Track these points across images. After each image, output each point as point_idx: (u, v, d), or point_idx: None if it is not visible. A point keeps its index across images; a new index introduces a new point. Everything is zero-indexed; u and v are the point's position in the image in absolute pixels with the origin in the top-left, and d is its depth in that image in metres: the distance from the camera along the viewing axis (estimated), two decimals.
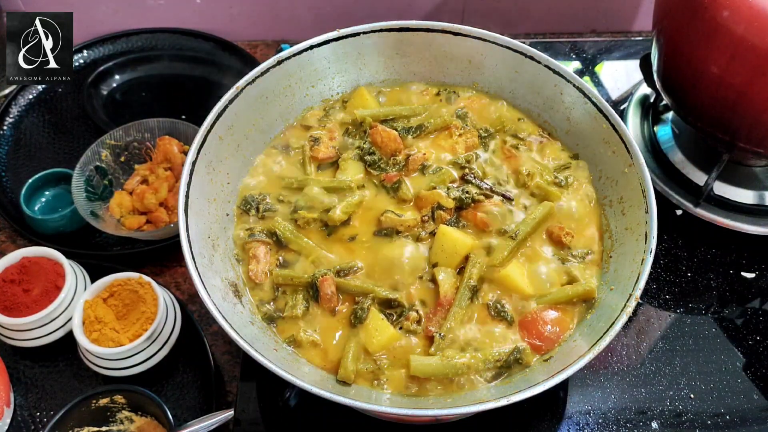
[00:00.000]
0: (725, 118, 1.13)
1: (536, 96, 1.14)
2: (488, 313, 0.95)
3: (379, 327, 0.91)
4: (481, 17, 1.66)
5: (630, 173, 0.99)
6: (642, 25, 1.72)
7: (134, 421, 1.02)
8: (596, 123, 1.05)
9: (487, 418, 1.05)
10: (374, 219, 1.02)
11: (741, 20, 1.01)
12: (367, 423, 1.03)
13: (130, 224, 1.23)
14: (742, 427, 1.07)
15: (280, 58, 1.08)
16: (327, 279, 0.95)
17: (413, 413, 0.84)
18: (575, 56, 1.61)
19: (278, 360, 0.85)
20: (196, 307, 1.18)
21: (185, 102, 1.50)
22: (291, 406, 1.05)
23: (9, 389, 1.06)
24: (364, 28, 1.12)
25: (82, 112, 1.48)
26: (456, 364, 0.88)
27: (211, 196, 1.00)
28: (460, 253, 0.96)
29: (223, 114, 1.02)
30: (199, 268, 0.88)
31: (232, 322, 0.84)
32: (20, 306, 1.07)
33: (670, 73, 1.22)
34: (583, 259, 1.00)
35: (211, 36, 1.58)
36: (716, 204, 1.27)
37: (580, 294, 0.96)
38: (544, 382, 0.80)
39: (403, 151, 1.09)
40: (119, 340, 1.03)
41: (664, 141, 1.36)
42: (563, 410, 1.08)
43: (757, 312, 1.20)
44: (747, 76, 1.04)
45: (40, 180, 1.29)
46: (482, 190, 1.04)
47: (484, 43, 1.13)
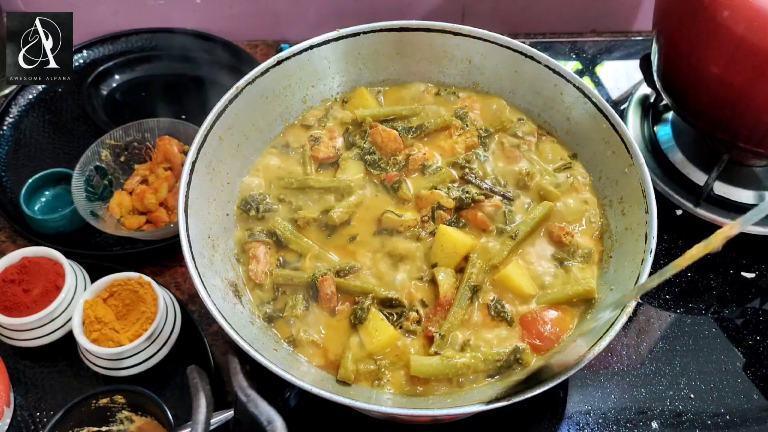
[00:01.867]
0: (725, 118, 1.13)
1: (536, 96, 1.14)
2: (488, 313, 0.95)
3: (380, 327, 0.91)
4: (481, 17, 1.66)
5: (630, 173, 0.99)
6: (642, 25, 1.72)
7: (134, 421, 1.02)
8: (596, 123, 1.05)
9: (487, 418, 1.06)
10: (374, 219, 1.02)
11: (741, 20, 1.01)
12: (367, 423, 1.03)
13: (130, 224, 1.23)
14: (742, 427, 1.07)
15: (280, 58, 1.08)
16: (327, 279, 0.95)
17: (413, 413, 0.84)
18: (575, 56, 1.61)
19: (278, 360, 0.85)
20: (196, 307, 1.18)
21: (185, 102, 1.50)
22: (291, 406, 1.05)
23: (9, 389, 1.06)
24: (364, 28, 1.12)
25: (82, 112, 1.48)
26: (456, 364, 0.88)
27: (211, 196, 1.00)
28: (460, 253, 0.97)
29: (223, 114, 1.02)
30: (199, 268, 0.88)
31: (232, 322, 0.84)
32: (20, 306, 1.06)
33: (670, 73, 1.22)
34: (583, 259, 1.00)
35: (211, 36, 1.58)
36: (716, 204, 1.27)
37: (580, 294, 0.96)
38: (544, 382, 0.80)
39: (403, 151, 1.09)
40: (119, 340, 1.03)
41: (664, 141, 1.36)
42: (563, 410, 1.08)
43: (757, 312, 1.20)
44: (747, 76, 1.04)
45: (40, 180, 1.29)
46: (482, 190, 1.04)
47: (484, 43, 1.13)
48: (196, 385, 0.81)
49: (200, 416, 0.80)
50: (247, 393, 0.80)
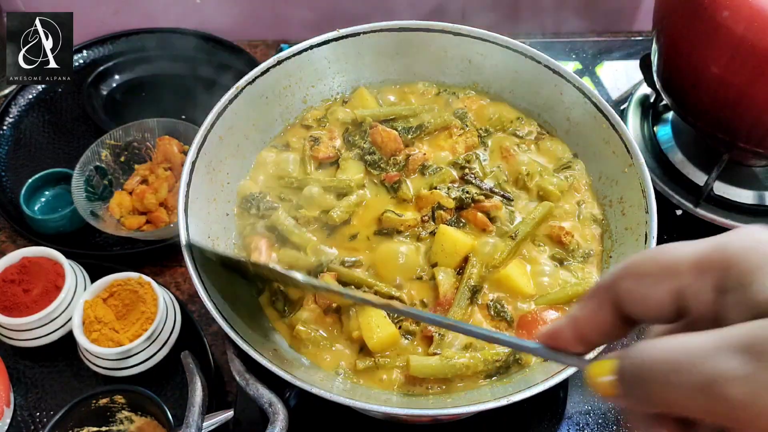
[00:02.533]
0: (725, 118, 1.13)
1: (536, 96, 1.14)
2: (488, 313, 0.95)
3: (381, 324, 0.91)
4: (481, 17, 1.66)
5: (630, 173, 0.99)
6: (642, 25, 1.72)
7: (134, 421, 1.02)
8: (596, 123, 1.05)
9: (486, 418, 1.05)
10: (374, 219, 1.02)
11: (741, 20, 1.01)
12: (368, 423, 1.03)
13: (130, 224, 1.23)
14: None
15: (280, 58, 1.08)
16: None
17: (413, 413, 0.84)
18: (575, 56, 1.61)
19: (278, 360, 0.85)
20: (196, 307, 1.18)
21: (185, 102, 1.50)
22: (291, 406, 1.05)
23: (9, 389, 1.06)
24: (364, 28, 1.12)
25: (82, 112, 1.48)
26: (455, 364, 0.88)
27: (211, 196, 1.00)
28: (459, 253, 0.96)
29: (223, 114, 1.02)
30: (199, 268, 0.88)
31: (231, 322, 0.84)
32: (20, 306, 1.07)
33: (670, 73, 1.22)
34: (583, 259, 1.00)
35: (211, 36, 1.58)
36: (716, 204, 1.27)
37: (580, 294, 0.96)
38: (544, 382, 0.80)
39: (403, 150, 1.09)
40: (119, 340, 1.03)
41: (664, 141, 1.36)
42: (563, 410, 1.08)
43: None
44: (747, 76, 1.04)
45: (40, 180, 1.29)
46: (482, 190, 1.04)
47: (483, 43, 1.13)
48: (192, 369, 0.82)
49: (196, 398, 0.81)
50: (245, 377, 0.82)
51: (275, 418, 0.77)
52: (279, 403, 0.78)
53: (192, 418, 0.79)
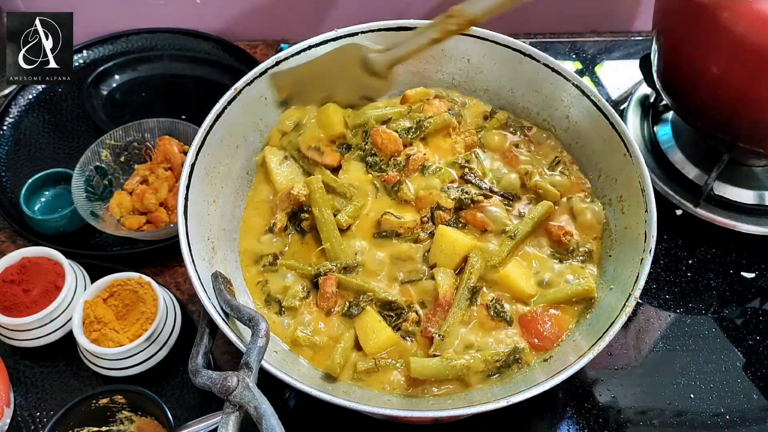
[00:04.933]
0: (725, 118, 1.13)
1: (535, 95, 1.14)
2: (487, 314, 0.95)
3: (377, 329, 0.91)
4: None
5: (629, 172, 0.99)
6: (642, 25, 1.72)
7: (134, 421, 1.02)
8: (595, 121, 1.05)
9: (487, 418, 1.05)
10: (374, 221, 1.02)
11: (741, 20, 1.01)
12: (367, 423, 1.03)
13: (130, 224, 1.23)
14: (742, 427, 1.07)
15: (279, 58, 1.08)
16: (329, 279, 0.95)
17: (413, 414, 0.84)
18: (575, 56, 1.61)
19: (277, 361, 0.85)
20: (196, 308, 1.18)
21: (185, 102, 1.50)
22: (290, 407, 1.05)
23: (9, 389, 1.06)
24: (362, 28, 1.12)
25: (82, 112, 1.48)
26: (456, 365, 0.88)
27: (211, 197, 1.00)
28: (459, 253, 0.96)
29: (221, 115, 1.02)
30: (198, 269, 0.88)
31: (230, 324, 0.84)
32: (20, 306, 1.07)
33: (670, 73, 1.22)
34: (583, 258, 1.00)
35: (211, 36, 1.58)
36: (716, 204, 1.27)
37: (580, 293, 0.96)
38: (544, 382, 0.80)
39: (403, 151, 1.09)
40: (119, 340, 1.03)
41: (664, 141, 1.36)
42: (563, 410, 1.08)
43: (757, 312, 1.20)
44: (747, 76, 1.04)
45: (40, 180, 1.29)
46: (482, 190, 1.04)
47: (483, 42, 1.13)
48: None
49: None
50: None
51: (257, 330, 0.77)
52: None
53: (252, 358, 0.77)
